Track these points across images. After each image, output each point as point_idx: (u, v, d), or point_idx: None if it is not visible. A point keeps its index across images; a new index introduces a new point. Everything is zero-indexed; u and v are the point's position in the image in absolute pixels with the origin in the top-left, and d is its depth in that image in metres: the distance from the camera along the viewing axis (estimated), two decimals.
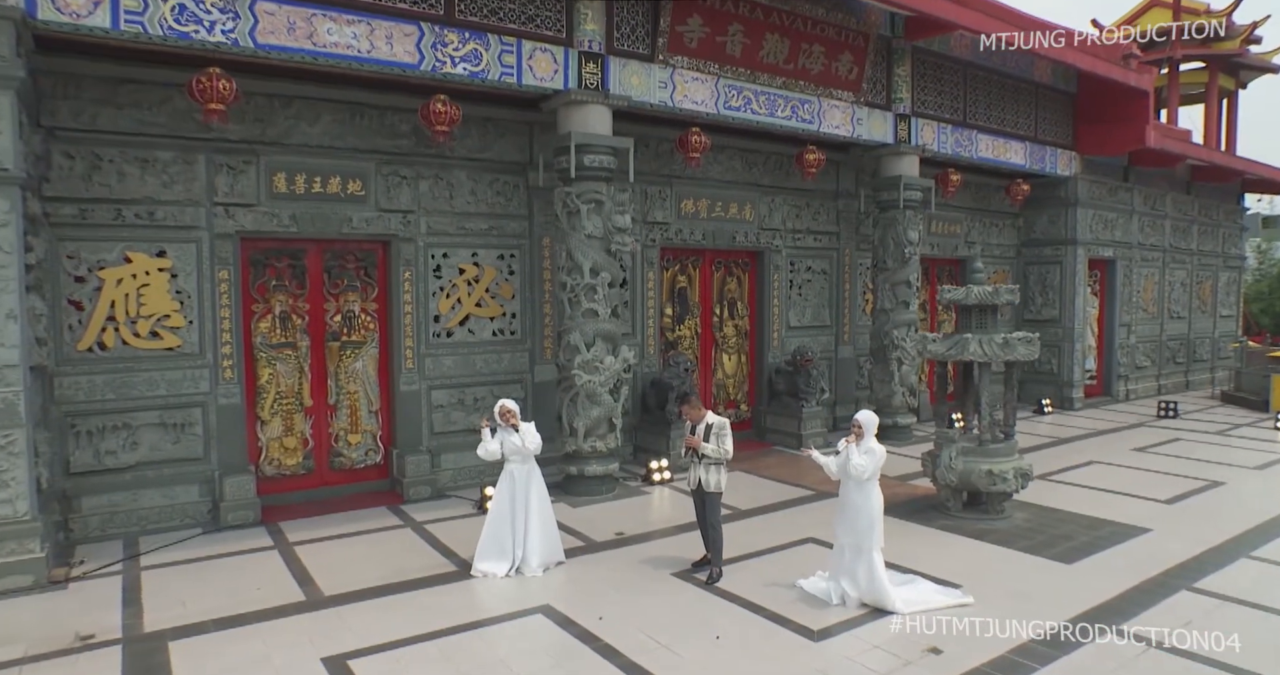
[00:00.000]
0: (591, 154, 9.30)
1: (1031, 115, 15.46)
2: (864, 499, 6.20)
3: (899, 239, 12.89)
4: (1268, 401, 16.40)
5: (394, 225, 9.43)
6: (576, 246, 9.38)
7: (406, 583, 6.74)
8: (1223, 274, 21.49)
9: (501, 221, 10.23)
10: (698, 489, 6.95)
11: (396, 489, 9.57)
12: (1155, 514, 8.82)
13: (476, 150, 10.00)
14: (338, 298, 9.44)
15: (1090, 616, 6.01)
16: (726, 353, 13.12)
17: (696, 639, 5.63)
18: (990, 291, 8.51)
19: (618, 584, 6.73)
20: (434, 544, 7.82)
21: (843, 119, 12.09)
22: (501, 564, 6.97)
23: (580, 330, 9.42)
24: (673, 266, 12.32)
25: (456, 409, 9.99)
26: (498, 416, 7.05)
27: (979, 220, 16.59)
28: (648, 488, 10.05)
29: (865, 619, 5.97)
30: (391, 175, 9.43)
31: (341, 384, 9.47)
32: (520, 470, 7.06)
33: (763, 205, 12.94)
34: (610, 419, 9.68)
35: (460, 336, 10.05)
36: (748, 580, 6.78)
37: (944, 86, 13.81)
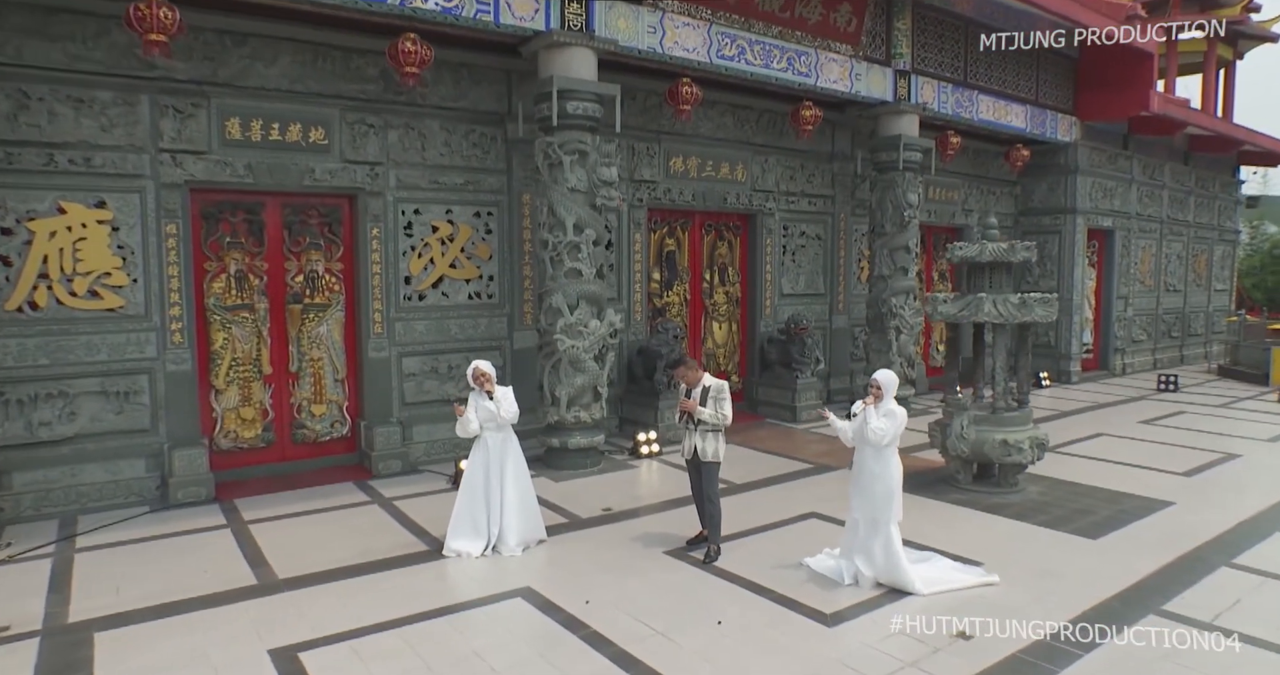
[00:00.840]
0: (575, 100, 8.55)
1: (1032, 78, 14.85)
2: (882, 467, 5.59)
3: (898, 202, 12.26)
4: (1267, 375, 16.03)
5: (360, 178, 8.65)
6: (559, 201, 8.67)
7: (372, 564, 6.08)
8: (1218, 248, 21.10)
9: (478, 176, 9.48)
10: (693, 459, 6.32)
11: (364, 463, 8.87)
12: (1176, 487, 8.31)
13: (450, 98, 9.22)
14: (299, 256, 8.67)
15: (1128, 597, 5.47)
16: (717, 321, 12.48)
17: (695, 625, 5.02)
18: (1005, 248, 7.90)
19: (606, 564, 6.10)
20: (404, 522, 7.15)
21: (841, 74, 11.40)
22: (476, 543, 6.32)
23: (563, 291, 8.73)
24: (660, 229, 11.63)
25: (429, 377, 9.28)
26: (471, 379, 6.37)
27: (976, 187, 15.99)
28: (635, 461, 9.42)
29: (882, 601, 5.38)
30: (358, 123, 8.65)
31: (304, 350, 8.73)
32: (495, 440, 6.39)
33: (755, 166, 12.25)
34: (595, 387, 9.03)
35: (433, 300, 9.32)
36: (749, 559, 6.18)
37: (945, 44, 13.15)
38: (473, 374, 6.34)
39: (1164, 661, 4.55)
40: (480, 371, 6.33)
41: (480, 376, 6.32)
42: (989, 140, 15.44)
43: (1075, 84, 15.73)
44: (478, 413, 6.28)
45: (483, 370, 6.33)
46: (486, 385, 6.31)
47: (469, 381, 6.39)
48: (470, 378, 6.35)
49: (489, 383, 6.32)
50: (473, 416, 6.28)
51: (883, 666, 4.48)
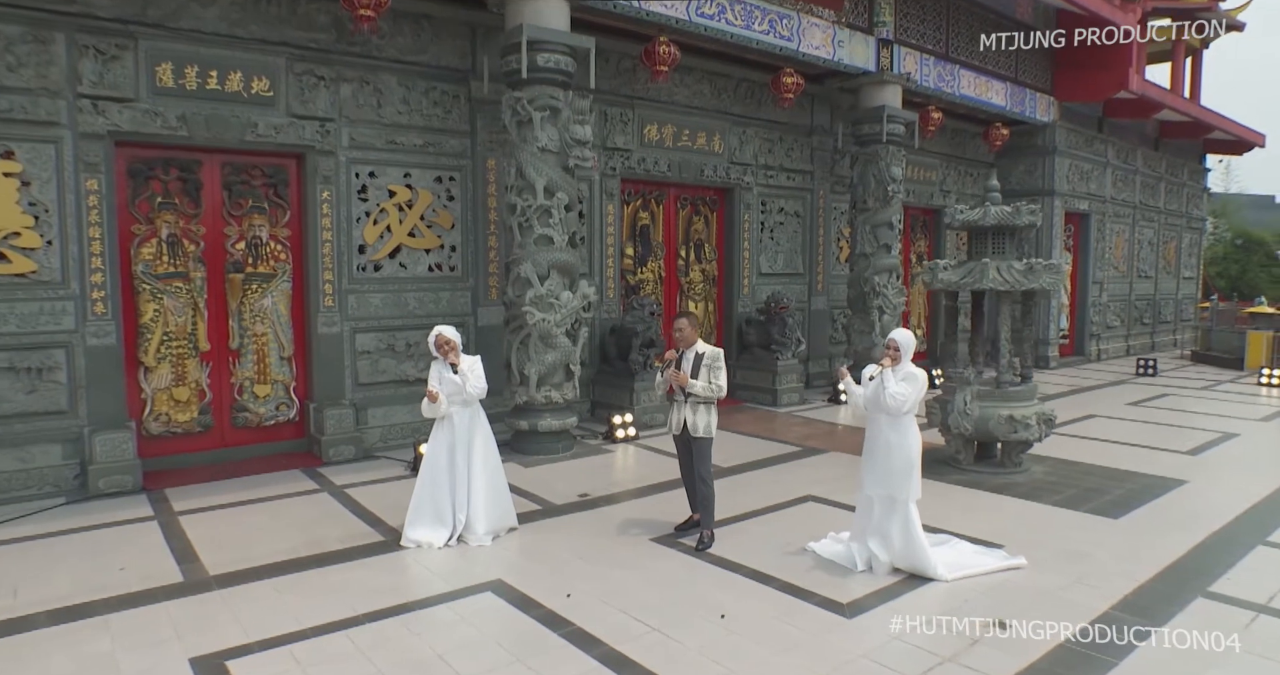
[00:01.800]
0: (546, 52, 7.85)
1: (1012, 55, 14.48)
2: (900, 436, 4.99)
3: (881, 176, 11.75)
4: (1241, 360, 15.91)
5: (309, 135, 7.84)
6: (528, 161, 7.95)
7: (319, 557, 5.32)
8: (1186, 235, 21.08)
9: (439, 137, 8.71)
10: (682, 434, 5.67)
11: (314, 449, 8.06)
12: (1183, 465, 7.90)
13: (409, 51, 8.44)
14: (241, 220, 7.83)
15: (1169, 578, 4.96)
16: (692, 300, 11.85)
17: (695, 619, 4.37)
18: (1010, 211, 7.40)
19: (587, 553, 5.42)
20: (357, 511, 6.39)
21: (823, 40, 10.84)
22: (439, 532, 5.59)
23: (532, 260, 8.02)
24: (634, 201, 10.96)
25: (386, 356, 8.49)
26: (433, 347, 5.65)
27: (955, 168, 15.60)
28: (611, 446, 8.74)
29: (901, 588, 4.79)
30: (306, 75, 7.83)
31: (246, 324, 7.90)
32: (461, 417, 5.67)
33: (733, 137, 11.64)
34: (567, 365, 8.34)
35: (390, 271, 8.54)
36: (746, 545, 5.55)
37: (926, 14, 12.69)
38: (435, 341, 5.61)
39: (1232, 651, 4.01)
40: (444, 338, 5.60)
41: (444, 344, 5.59)
42: (967, 119, 15.06)
43: (1053, 63, 15.41)
44: (441, 386, 5.55)
45: (446, 337, 5.61)
46: (451, 355, 5.58)
47: (430, 349, 5.66)
48: (432, 345, 5.63)
49: (454, 351, 5.60)
50: (447, 406, 5.54)
51: (918, 663, 3.87)
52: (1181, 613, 4.44)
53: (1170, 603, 4.57)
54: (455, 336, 5.64)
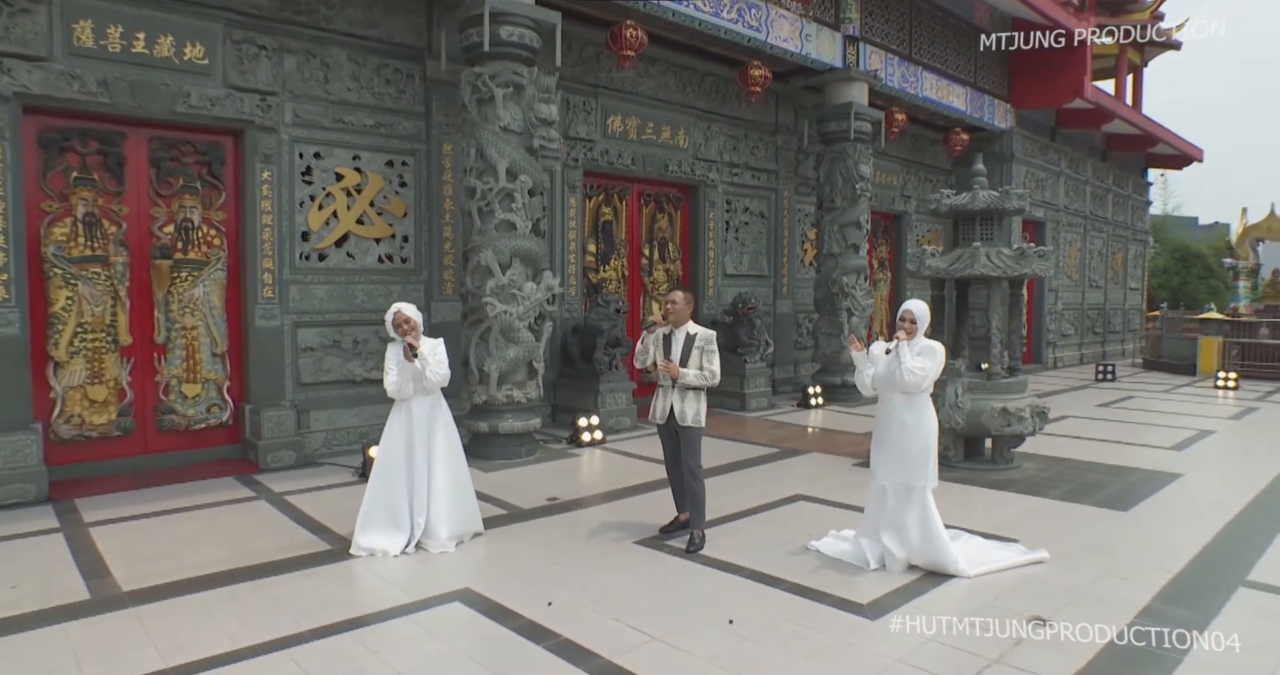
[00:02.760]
0: (510, 25, 7.33)
1: (971, 60, 14.48)
2: (916, 417, 4.54)
3: (849, 174, 11.48)
4: (1193, 365, 16.07)
5: (249, 109, 7.14)
6: (489, 141, 7.39)
7: (255, 568, 4.61)
8: (1131, 247, 21.46)
9: (391, 118, 8.09)
10: (668, 423, 5.13)
11: (250, 455, 7.28)
12: (1172, 460, 7.66)
13: (360, 24, 7.83)
14: (170, 201, 7.08)
15: (1201, 568, 4.60)
16: (657, 300, 11.33)
17: (700, 625, 3.81)
18: (999, 196, 7.10)
19: (565, 558, 4.82)
20: (299, 519, 5.67)
21: (791, 32, 10.56)
22: (394, 538, 4.92)
23: (493, 247, 7.43)
24: (597, 196, 10.46)
25: (331, 353, 7.78)
26: (390, 326, 5.02)
27: (915, 174, 15.50)
28: (576, 450, 8.14)
29: (922, 586, 4.31)
30: (246, 43, 7.15)
31: (174, 316, 7.11)
32: (420, 406, 5.03)
33: (698, 132, 11.25)
34: (531, 362, 7.74)
35: (337, 260, 7.84)
36: (741, 545, 5.01)
37: (890, 14, 12.56)
38: (393, 319, 4.99)
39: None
40: (403, 316, 4.98)
41: (403, 322, 4.97)
42: (926, 125, 14.99)
43: (1010, 70, 15.49)
44: (399, 371, 4.92)
45: (406, 314, 4.99)
46: (410, 335, 4.96)
47: (388, 329, 5.03)
48: (390, 324, 5.00)
49: (414, 332, 4.98)
50: (394, 372, 4.92)
51: (962, 666, 3.37)
52: (1229, 603, 4.06)
53: (1212, 593, 4.18)
54: (416, 315, 5.03)
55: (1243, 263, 17.21)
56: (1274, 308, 16.03)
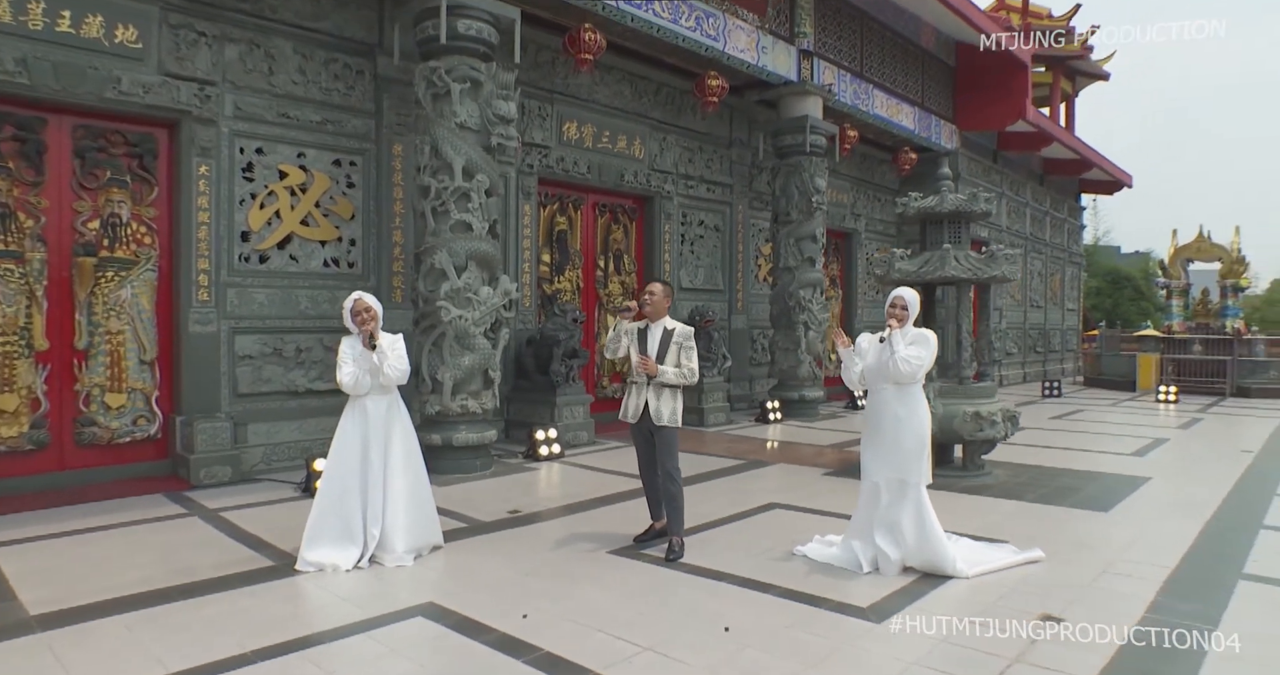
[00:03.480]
0: (468, 19, 7.06)
1: (919, 80, 14.74)
2: (909, 409, 4.32)
3: (804, 187, 11.44)
4: (1133, 382, 16.46)
5: (186, 98, 6.67)
6: (444, 138, 7.05)
7: (188, 587, 4.11)
8: (1068, 269, 22.08)
9: (340, 116, 7.69)
10: (642, 422, 4.83)
11: (180, 471, 6.70)
12: (1137, 465, 7.67)
13: (308, 16, 7.45)
14: (96, 195, 6.54)
15: (1196, 563, 4.49)
16: (612, 314, 11.05)
17: (693, 633, 3.48)
18: (967, 198, 7.05)
19: (537, 570, 4.44)
20: (237, 535, 5.16)
21: (748, 43, 10.53)
22: (346, 551, 4.48)
23: (448, 249, 7.06)
24: (551, 204, 10.17)
25: (272, 362, 7.26)
26: (349, 317, 4.62)
27: (864, 192, 15.64)
28: (534, 464, 7.75)
29: (921, 587, 4.06)
30: (185, 29, 6.70)
31: (98, 320, 6.54)
32: (377, 406, 4.63)
33: (653, 143, 11.09)
34: (486, 371, 7.35)
35: (279, 263, 7.37)
36: (722, 553, 4.71)
37: (843, 32, 12.69)
38: (353, 308, 4.59)
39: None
40: (364, 305, 4.59)
41: (363, 312, 4.58)
42: (875, 145, 15.15)
43: (953, 93, 15.82)
44: (356, 362, 4.53)
45: (366, 303, 4.60)
46: (369, 325, 4.57)
47: (346, 320, 4.63)
48: (348, 313, 4.60)
49: (373, 322, 4.59)
50: (349, 364, 4.52)
51: (983, 667, 3.12)
52: (1234, 597, 3.92)
53: (1215, 587, 4.05)
54: (377, 305, 4.64)
55: (1175, 282, 17.80)
56: (1205, 325, 16.59)
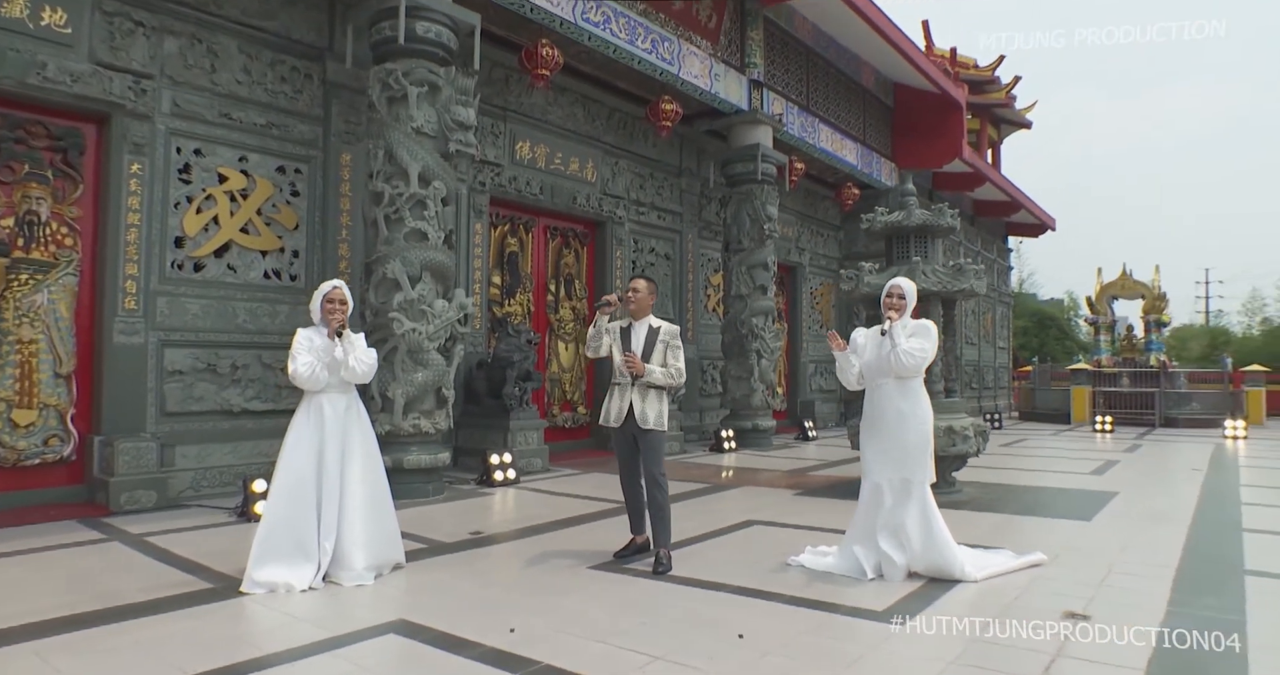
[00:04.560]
0: (427, 21, 6.83)
1: (861, 117, 15.09)
2: (913, 405, 4.13)
3: (756, 215, 11.43)
4: (1067, 414, 16.86)
5: (119, 90, 6.20)
6: (400, 143, 6.74)
7: (113, 611, 3.57)
8: (998, 308, 22.74)
9: (285, 119, 7.29)
10: (625, 426, 4.52)
11: (98, 496, 6.03)
12: (1099, 482, 7.70)
13: (255, 14, 7.09)
14: (11, 190, 5.96)
15: (1197, 562, 4.44)
16: (563, 340, 10.74)
17: (704, 642, 3.15)
18: (933, 213, 7.06)
19: (516, 585, 4.05)
20: (166, 558, 4.59)
21: (701, 70, 10.56)
22: (300, 570, 3.99)
23: (402, 258, 6.69)
24: (503, 224, 9.87)
25: (205, 379, 6.69)
26: (317, 307, 4.21)
27: (808, 227, 15.81)
28: (488, 490, 7.29)
29: (931, 591, 3.82)
30: (120, 17, 6.25)
31: (8, 327, 5.90)
32: (335, 406, 4.19)
33: (605, 167, 10.96)
34: (440, 388, 6.95)
35: (215, 272, 6.85)
36: (711, 565, 4.40)
37: (791, 65, 12.91)
38: (324, 299, 4.18)
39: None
40: (340, 296, 4.21)
41: (335, 301, 4.18)
42: (818, 181, 15.39)
43: (893, 131, 16.25)
44: (311, 351, 4.10)
45: (343, 295, 4.22)
46: (338, 317, 4.18)
47: (314, 308, 4.22)
48: (317, 303, 4.20)
49: (342, 315, 4.20)
50: (306, 354, 4.09)
51: (1028, 664, 2.87)
52: (1248, 591, 3.80)
53: (1226, 583, 3.98)
54: (348, 296, 4.26)
55: (1101, 318, 18.48)
56: (1131, 360, 17.21)
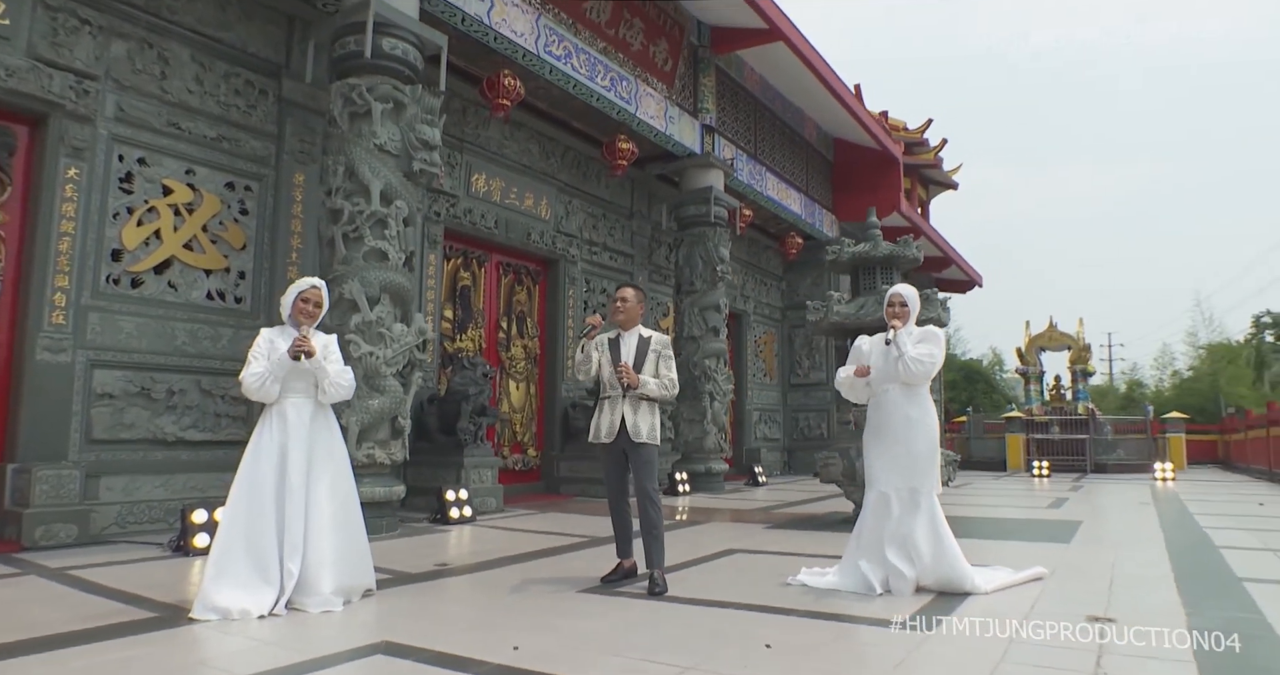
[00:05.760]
0: (393, 37, 6.67)
1: (804, 169, 15.49)
2: (921, 412, 4.02)
3: (709, 256, 11.47)
4: (1003, 462, 17.20)
5: (59, 89, 5.80)
6: (362, 159, 6.48)
7: (37, 642, 3.08)
8: None
9: (238, 134, 6.96)
10: (616, 442, 4.27)
11: (8, 531, 5.38)
12: (1060, 514, 7.76)
13: (211, 23, 6.80)
14: None
15: (1194, 574, 4.47)
16: (514, 379, 10.42)
17: (732, 653, 2.89)
18: (899, 244, 7.15)
19: (510, 607, 3.71)
20: (96, 590, 4.06)
21: (657, 111, 10.67)
22: (260, 595, 3.55)
23: (360, 278, 6.37)
24: (456, 257, 9.61)
25: (137, 404, 6.15)
26: (289, 305, 3.89)
27: (752, 275, 15.98)
28: (444, 527, 6.85)
29: (948, 603, 3.66)
30: (65, 13, 5.89)
31: None
32: (299, 411, 3.80)
33: (559, 205, 10.86)
34: (396, 417, 6.56)
35: (155, 289, 6.38)
36: (707, 587, 4.15)
37: (740, 114, 13.20)
38: (297, 298, 3.86)
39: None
40: (317, 296, 3.89)
41: (307, 302, 3.86)
42: (762, 231, 15.62)
43: (833, 185, 16.72)
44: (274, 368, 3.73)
45: (320, 296, 3.91)
46: (312, 318, 3.86)
47: (283, 308, 3.89)
48: (290, 299, 3.88)
49: (314, 321, 3.88)
50: (262, 360, 3.74)
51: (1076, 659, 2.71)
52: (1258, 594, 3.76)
53: (1229, 589, 3.98)
54: (324, 291, 3.95)
55: (1031, 369, 19.11)
56: (1060, 408, 17.77)
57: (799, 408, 16.73)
